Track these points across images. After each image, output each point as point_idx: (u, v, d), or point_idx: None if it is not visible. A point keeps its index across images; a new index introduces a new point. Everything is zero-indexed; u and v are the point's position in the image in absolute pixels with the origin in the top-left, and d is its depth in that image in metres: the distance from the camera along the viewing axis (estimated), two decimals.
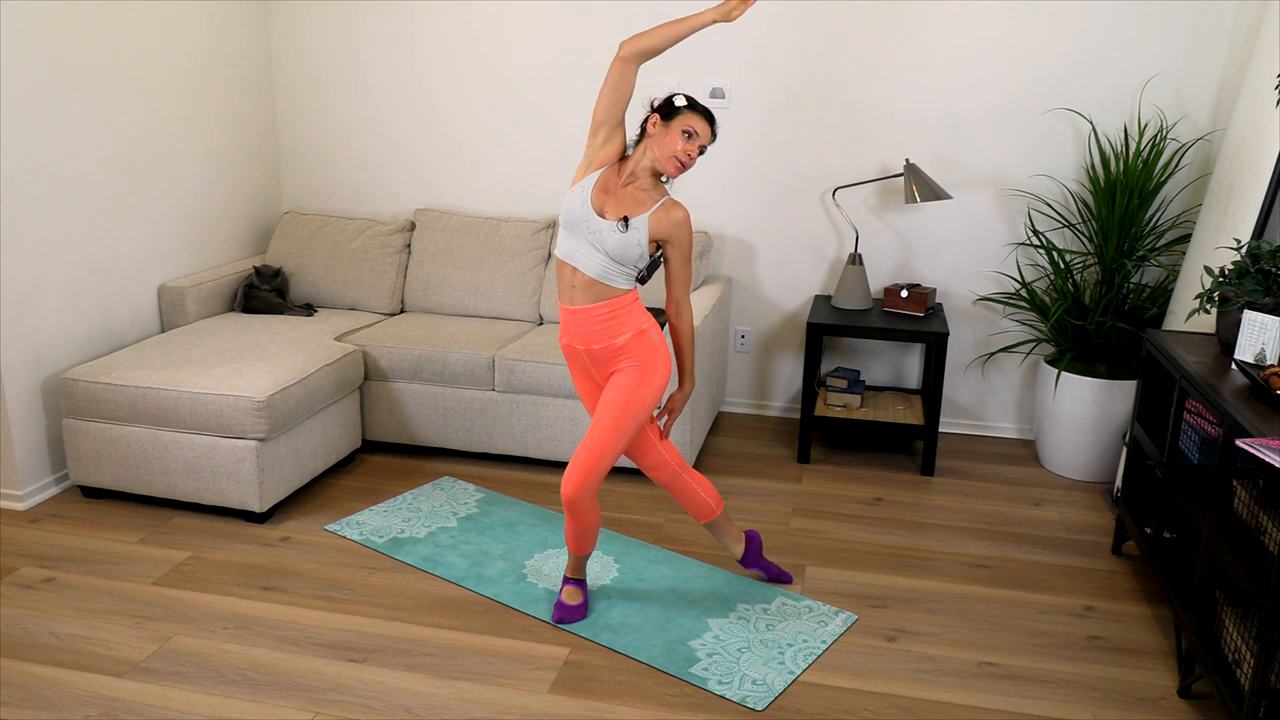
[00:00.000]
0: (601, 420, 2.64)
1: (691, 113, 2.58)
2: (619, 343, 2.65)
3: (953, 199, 4.11)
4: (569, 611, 2.83)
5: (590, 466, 2.63)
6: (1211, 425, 2.69)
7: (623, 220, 2.56)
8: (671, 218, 2.60)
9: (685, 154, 2.57)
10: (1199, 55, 3.80)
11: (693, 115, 2.58)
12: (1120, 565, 3.25)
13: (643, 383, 2.66)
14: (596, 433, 2.64)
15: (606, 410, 2.65)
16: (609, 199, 2.61)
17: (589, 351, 2.69)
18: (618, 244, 2.57)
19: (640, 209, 2.59)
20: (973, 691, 2.57)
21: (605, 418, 2.64)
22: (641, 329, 2.67)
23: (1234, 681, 2.29)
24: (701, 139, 2.59)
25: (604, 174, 2.63)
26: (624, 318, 2.65)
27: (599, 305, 2.63)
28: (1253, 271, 2.77)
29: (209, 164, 4.22)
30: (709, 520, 2.94)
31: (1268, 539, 2.17)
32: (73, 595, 2.92)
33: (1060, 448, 3.90)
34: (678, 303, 2.72)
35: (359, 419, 3.87)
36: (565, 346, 2.76)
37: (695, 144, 2.58)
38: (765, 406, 4.53)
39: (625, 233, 2.56)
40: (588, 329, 2.66)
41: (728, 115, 4.21)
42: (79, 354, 3.62)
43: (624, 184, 2.62)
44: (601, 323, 2.64)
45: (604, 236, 2.57)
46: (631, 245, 2.57)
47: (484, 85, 4.39)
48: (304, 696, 2.49)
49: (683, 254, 2.65)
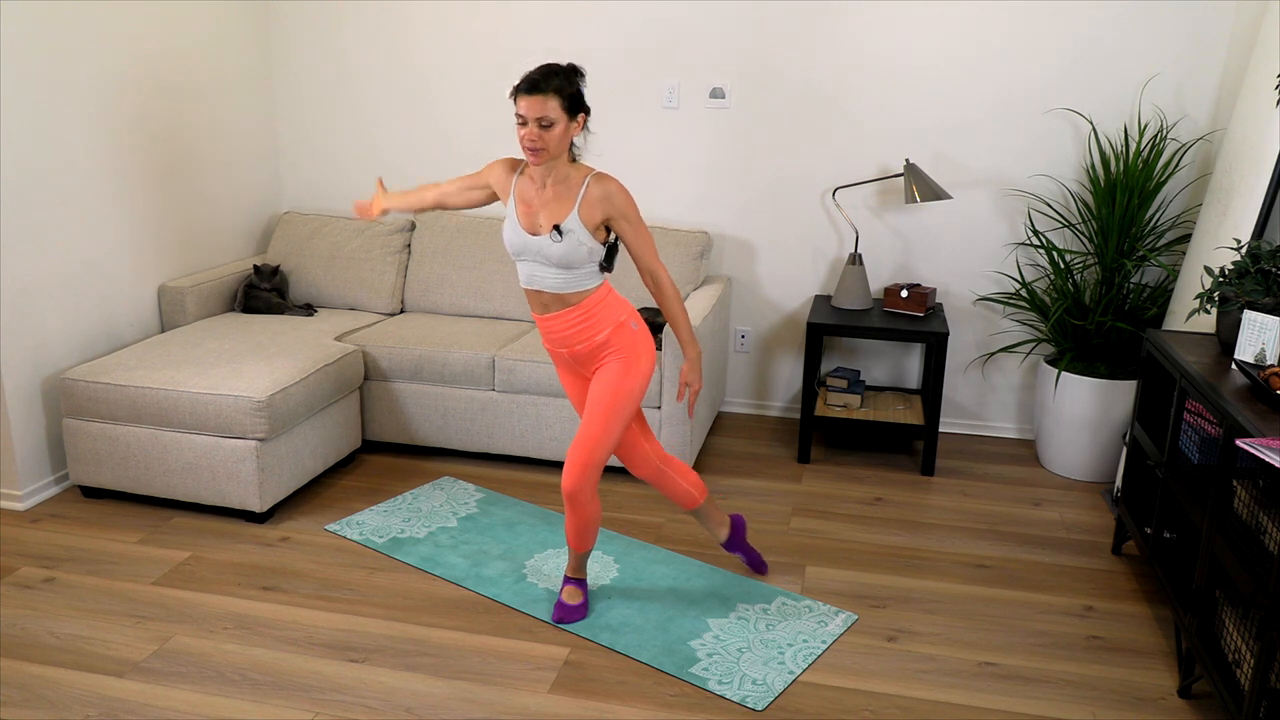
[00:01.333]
0: (594, 413, 2.64)
1: (519, 98, 2.45)
2: (600, 339, 2.64)
3: (953, 199, 4.11)
4: (569, 611, 2.83)
5: (587, 458, 2.62)
6: (1211, 425, 2.69)
7: (554, 230, 2.51)
8: (602, 194, 2.52)
9: (528, 141, 2.45)
10: (1199, 55, 3.80)
11: (520, 100, 2.45)
12: (1120, 565, 3.25)
13: (628, 373, 2.64)
14: (590, 426, 2.63)
15: (597, 403, 2.64)
16: (537, 211, 2.56)
17: (572, 353, 2.70)
18: (562, 253, 2.52)
19: (566, 207, 2.52)
20: (973, 691, 2.57)
21: (597, 411, 2.63)
22: (620, 321, 2.65)
23: (1234, 681, 2.29)
24: (535, 115, 2.42)
25: (518, 194, 2.59)
26: (599, 315, 2.63)
27: (571, 311, 2.63)
28: (1253, 271, 2.77)
29: (209, 164, 4.22)
30: (694, 508, 2.95)
31: (1268, 539, 2.17)
32: (73, 595, 2.92)
33: (1060, 448, 3.90)
34: (651, 272, 2.64)
35: (359, 419, 3.87)
36: (551, 350, 2.77)
37: (531, 129, 2.44)
38: (765, 406, 4.53)
39: (562, 240, 2.51)
40: (567, 334, 2.66)
41: (728, 115, 4.22)
42: (79, 354, 3.62)
43: (543, 189, 2.57)
44: (578, 325, 2.64)
45: (547, 252, 2.54)
46: (576, 248, 2.52)
47: (484, 85, 4.39)
48: (304, 696, 2.49)
49: (630, 222, 2.56)
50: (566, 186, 2.54)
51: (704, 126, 4.26)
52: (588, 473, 2.63)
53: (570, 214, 2.52)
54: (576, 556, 2.86)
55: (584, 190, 2.52)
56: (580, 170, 2.56)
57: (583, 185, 2.53)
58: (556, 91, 2.43)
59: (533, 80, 2.43)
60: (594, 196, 2.52)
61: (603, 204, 2.52)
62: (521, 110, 2.44)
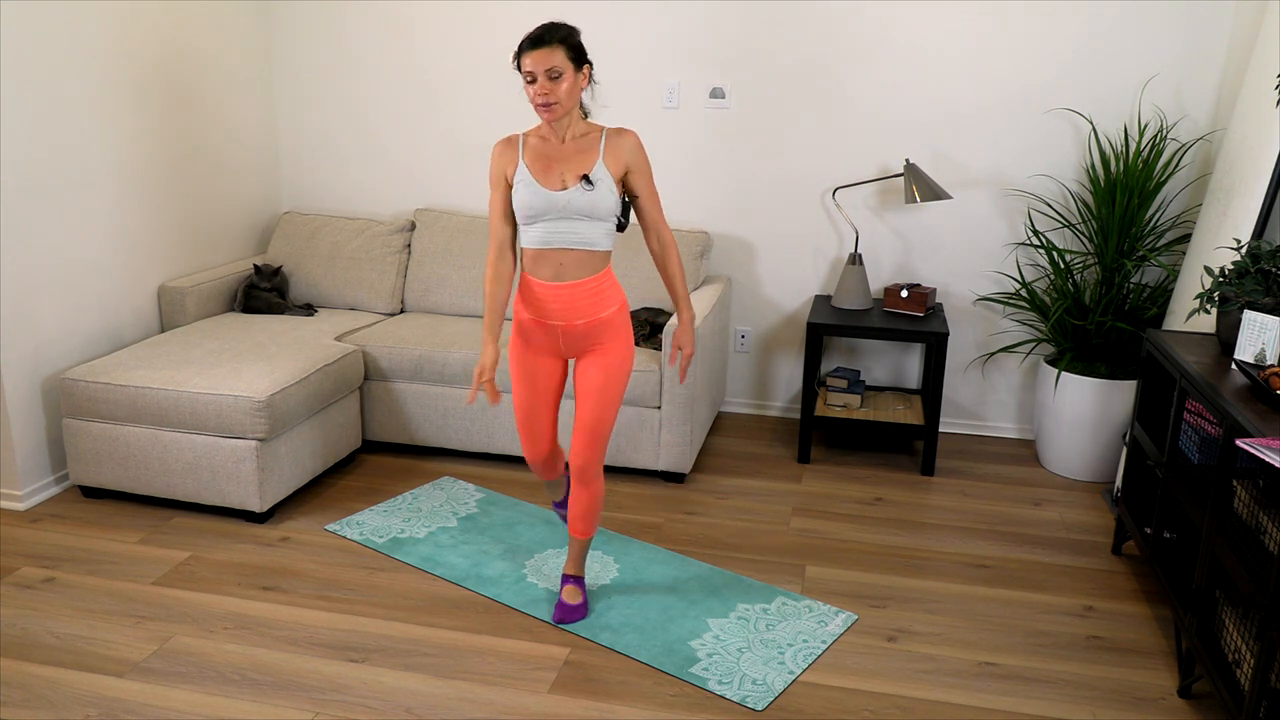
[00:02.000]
0: (601, 392, 2.64)
1: (524, 56, 2.45)
2: (605, 316, 2.62)
3: (953, 199, 4.11)
4: (570, 611, 2.83)
5: (595, 430, 2.66)
6: (1211, 425, 2.69)
7: (584, 179, 2.51)
8: (624, 146, 2.55)
9: (538, 97, 2.45)
10: (1199, 55, 3.80)
11: (525, 57, 2.44)
12: (1120, 565, 3.25)
13: (628, 356, 2.68)
14: (598, 404, 2.64)
15: (604, 383, 2.64)
16: (558, 168, 2.54)
17: (569, 327, 2.61)
18: (588, 203, 2.51)
19: (591, 158, 2.53)
20: (973, 691, 2.57)
21: (603, 400, 2.65)
22: (623, 301, 2.68)
23: (1234, 681, 2.29)
24: (544, 68, 2.43)
25: (530, 156, 2.56)
26: (608, 290, 2.62)
27: (590, 280, 2.58)
28: (1253, 271, 2.77)
29: (209, 164, 4.22)
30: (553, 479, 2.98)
31: (1268, 539, 2.17)
32: (73, 595, 2.92)
33: (1060, 448, 3.90)
34: (657, 229, 2.66)
35: (359, 419, 3.87)
36: (535, 324, 2.64)
37: (541, 84, 2.44)
38: (765, 406, 4.53)
39: (593, 189, 2.51)
40: (578, 303, 2.59)
41: (728, 115, 4.21)
42: (79, 354, 3.62)
43: (562, 144, 2.56)
44: (592, 296, 2.59)
45: (577, 203, 2.51)
46: (604, 196, 2.52)
47: (484, 85, 4.39)
48: (304, 696, 2.49)
49: (645, 177, 2.60)
50: (587, 140, 2.56)
51: (704, 126, 4.26)
52: (596, 444, 2.67)
53: (597, 163, 2.53)
54: (579, 546, 2.85)
55: (604, 141, 2.55)
56: (593, 126, 2.59)
57: (602, 137, 2.56)
58: (561, 41, 2.45)
59: (536, 36, 2.45)
60: (615, 147, 2.55)
61: (626, 155, 2.56)
62: (529, 66, 2.44)
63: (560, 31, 2.47)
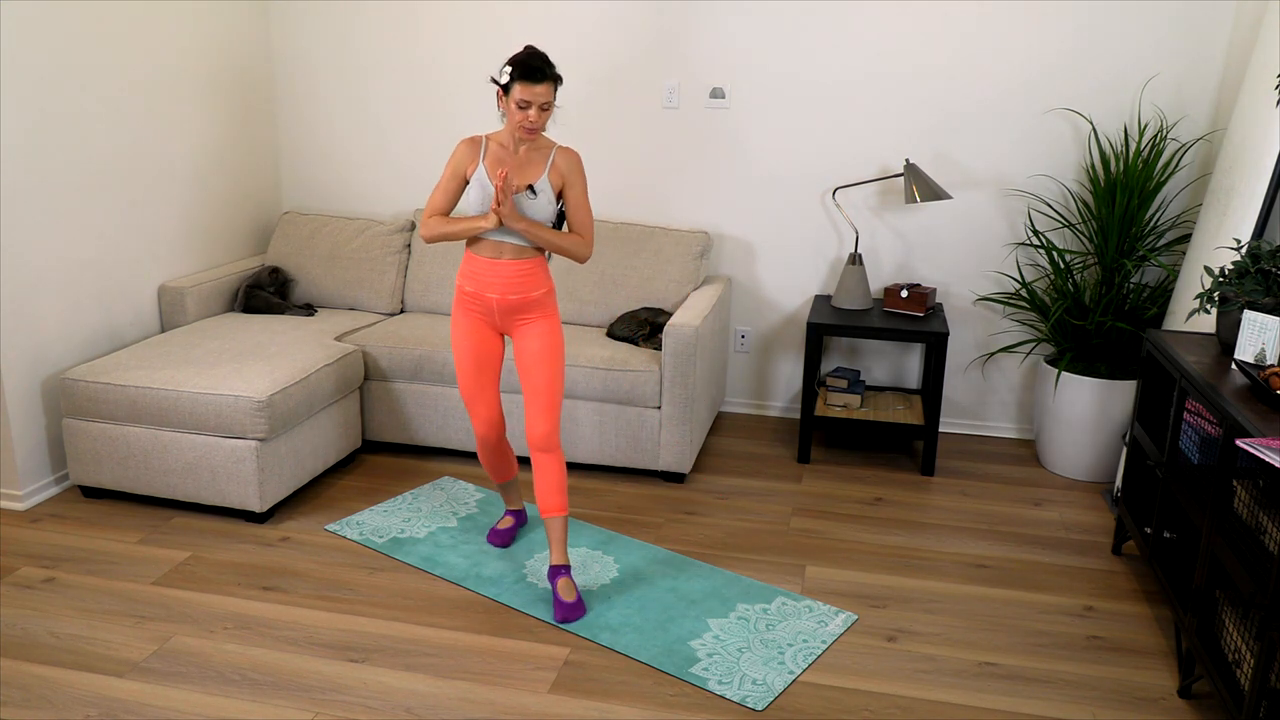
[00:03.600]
0: (546, 366, 2.86)
1: (520, 84, 2.65)
2: (536, 295, 2.87)
3: (953, 199, 4.11)
4: (570, 609, 2.83)
5: (549, 399, 2.86)
6: (1211, 425, 2.69)
7: (529, 188, 2.77)
8: (567, 165, 2.82)
9: (527, 124, 2.69)
10: (1199, 55, 3.80)
11: (521, 87, 2.65)
12: (1120, 565, 3.25)
13: (558, 331, 2.91)
14: (544, 380, 2.86)
15: (546, 357, 2.86)
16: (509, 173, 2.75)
17: (503, 301, 2.84)
18: (531, 208, 2.78)
19: (538, 170, 2.80)
20: (973, 691, 2.57)
21: (548, 365, 2.86)
22: (552, 286, 2.92)
23: (1234, 681, 2.29)
24: (540, 102, 2.67)
25: (491, 159, 2.79)
26: (540, 274, 2.87)
27: (525, 262, 2.84)
28: (1253, 271, 2.77)
29: (209, 164, 4.22)
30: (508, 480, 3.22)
31: (1268, 539, 2.17)
32: (73, 595, 2.92)
33: (1060, 448, 3.90)
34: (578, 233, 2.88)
35: (359, 419, 3.87)
36: (473, 295, 2.88)
37: (534, 114, 2.68)
38: (765, 406, 4.53)
39: (535, 198, 2.77)
40: (512, 280, 2.83)
41: (728, 115, 4.22)
42: (79, 354, 3.62)
43: (516, 154, 2.80)
44: (525, 276, 2.84)
45: (520, 207, 2.77)
46: (543, 205, 2.79)
47: (484, 85, 4.39)
48: (304, 696, 2.49)
49: (578, 191, 2.85)
50: (538, 153, 2.82)
51: (704, 126, 4.26)
52: (551, 411, 2.86)
53: (542, 176, 2.79)
54: (558, 527, 2.89)
55: (552, 158, 2.82)
56: (548, 141, 2.85)
57: (551, 153, 2.82)
58: (552, 78, 2.69)
59: (537, 69, 2.66)
60: (560, 164, 2.82)
61: (567, 172, 2.83)
62: (526, 97, 2.66)
63: (552, 66, 2.70)
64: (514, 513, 3.32)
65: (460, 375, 2.97)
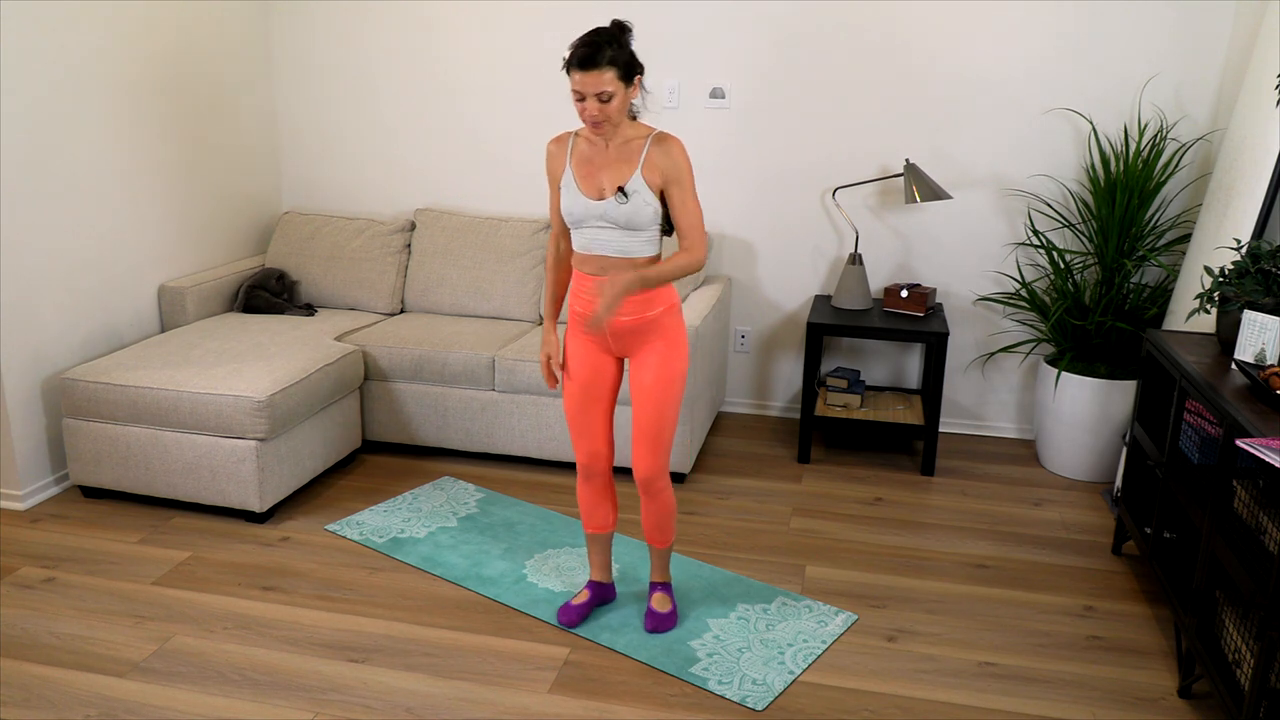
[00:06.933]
0: (652, 404, 2.55)
1: (573, 73, 2.35)
2: (652, 315, 2.53)
3: (953, 199, 4.11)
4: (661, 620, 2.78)
5: (656, 437, 2.56)
6: (1211, 425, 2.69)
7: (619, 191, 2.44)
8: (665, 155, 2.44)
9: (589, 118, 2.39)
10: (1199, 55, 3.80)
11: (575, 75, 2.35)
12: (1120, 565, 3.25)
13: (677, 357, 2.57)
14: (650, 410, 2.55)
15: (657, 392, 2.55)
16: (599, 174, 2.48)
17: (616, 323, 2.54)
18: (625, 215, 2.44)
19: (630, 168, 2.45)
20: (973, 691, 2.57)
21: (658, 400, 2.55)
22: (673, 303, 2.57)
23: (1234, 681, 2.29)
24: (594, 91, 2.34)
25: (576, 159, 2.51)
26: (656, 291, 2.53)
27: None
28: (1253, 271, 2.77)
29: (209, 164, 4.22)
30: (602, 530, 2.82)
31: (1268, 539, 2.17)
32: (73, 595, 2.92)
33: (1060, 448, 3.90)
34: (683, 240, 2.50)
35: (359, 419, 3.87)
36: (584, 317, 2.58)
37: (591, 105, 2.36)
38: (765, 406, 4.53)
39: (628, 201, 2.43)
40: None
41: (728, 115, 4.22)
42: (79, 354, 3.62)
43: (605, 150, 2.49)
44: (638, 293, 2.51)
45: (612, 215, 2.45)
46: (641, 208, 2.44)
47: (484, 85, 4.39)
48: (304, 696, 2.49)
49: (681, 188, 2.46)
50: (629, 147, 2.46)
51: (704, 126, 4.26)
52: (657, 451, 2.57)
53: (634, 174, 2.44)
54: (659, 555, 2.79)
55: (646, 150, 2.45)
56: (641, 129, 2.48)
57: (646, 144, 2.46)
58: (611, 63, 2.33)
59: (587, 55, 2.32)
60: (656, 159, 2.44)
61: (666, 166, 2.44)
62: (578, 86, 2.35)
63: (609, 51, 2.33)
64: (595, 586, 2.87)
65: (566, 400, 2.66)
